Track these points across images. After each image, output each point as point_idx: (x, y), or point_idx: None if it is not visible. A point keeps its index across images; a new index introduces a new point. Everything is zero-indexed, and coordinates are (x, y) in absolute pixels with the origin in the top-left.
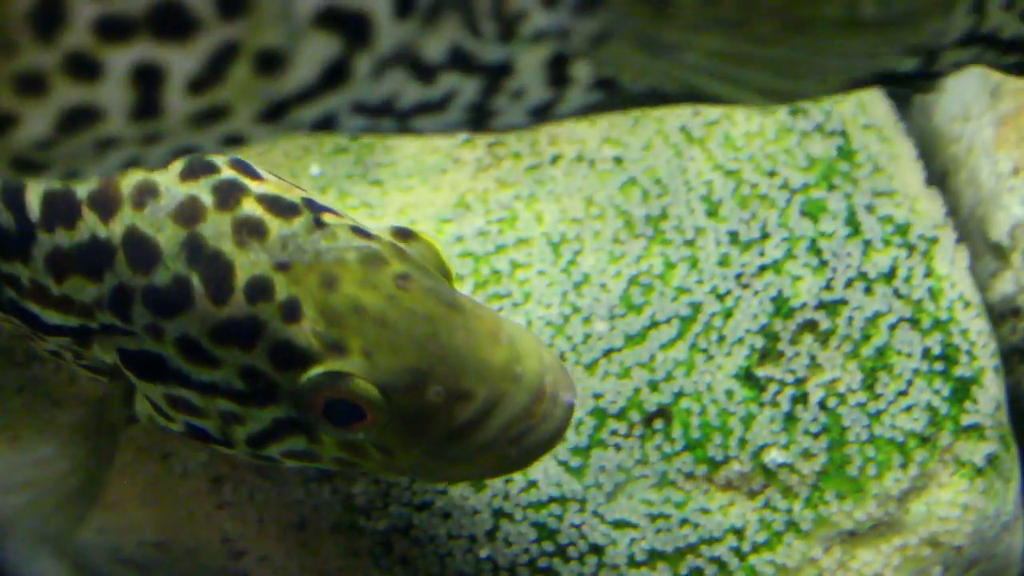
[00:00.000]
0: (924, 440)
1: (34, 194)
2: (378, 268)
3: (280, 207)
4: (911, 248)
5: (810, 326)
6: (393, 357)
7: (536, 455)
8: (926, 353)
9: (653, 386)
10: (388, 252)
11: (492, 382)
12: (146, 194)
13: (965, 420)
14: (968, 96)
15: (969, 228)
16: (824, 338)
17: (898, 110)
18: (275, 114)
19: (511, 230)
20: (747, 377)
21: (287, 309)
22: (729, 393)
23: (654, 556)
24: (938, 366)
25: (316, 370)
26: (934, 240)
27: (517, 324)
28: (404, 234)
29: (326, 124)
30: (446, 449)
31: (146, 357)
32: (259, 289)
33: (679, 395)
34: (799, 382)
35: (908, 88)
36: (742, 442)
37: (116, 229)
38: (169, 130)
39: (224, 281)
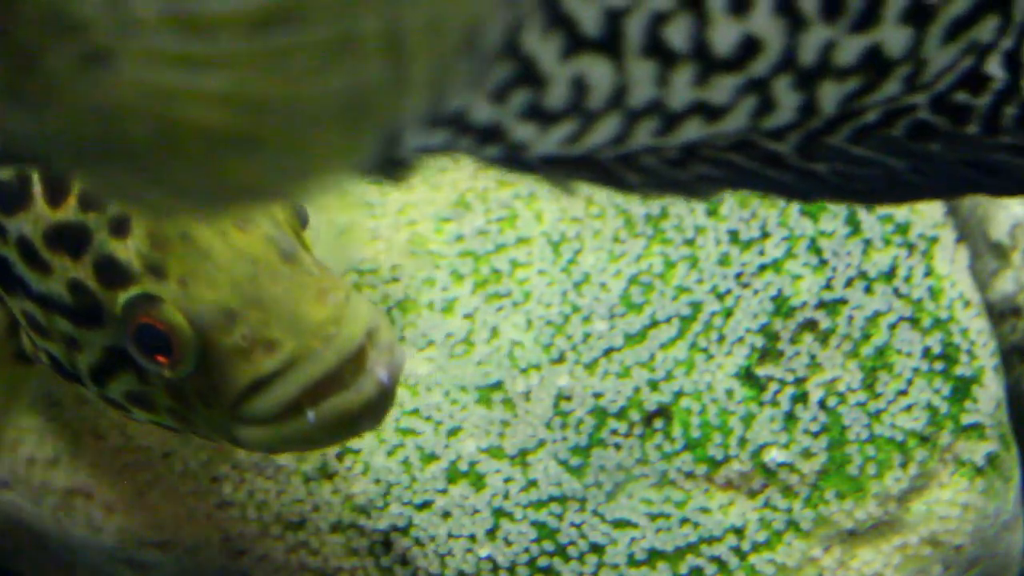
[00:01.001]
0: (924, 439)
1: None
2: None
3: None
4: (911, 247)
5: (810, 325)
6: (207, 290)
7: (341, 428)
8: (926, 352)
9: (653, 385)
10: None
11: (302, 337)
12: None
13: (965, 419)
14: None
15: (969, 227)
16: (824, 337)
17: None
18: None
19: (511, 229)
20: (747, 376)
21: (117, 223)
22: (729, 392)
23: (654, 555)
24: (938, 365)
25: (133, 291)
26: (934, 239)
27: (366, 300)
28: None
29: None
30: (249, 403)
31: (1, 263)
32: (93, 198)
33: (679, 394)
34: (799, 381)
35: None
36: (742, 441)
37: None
38: None
39: (61, 183)
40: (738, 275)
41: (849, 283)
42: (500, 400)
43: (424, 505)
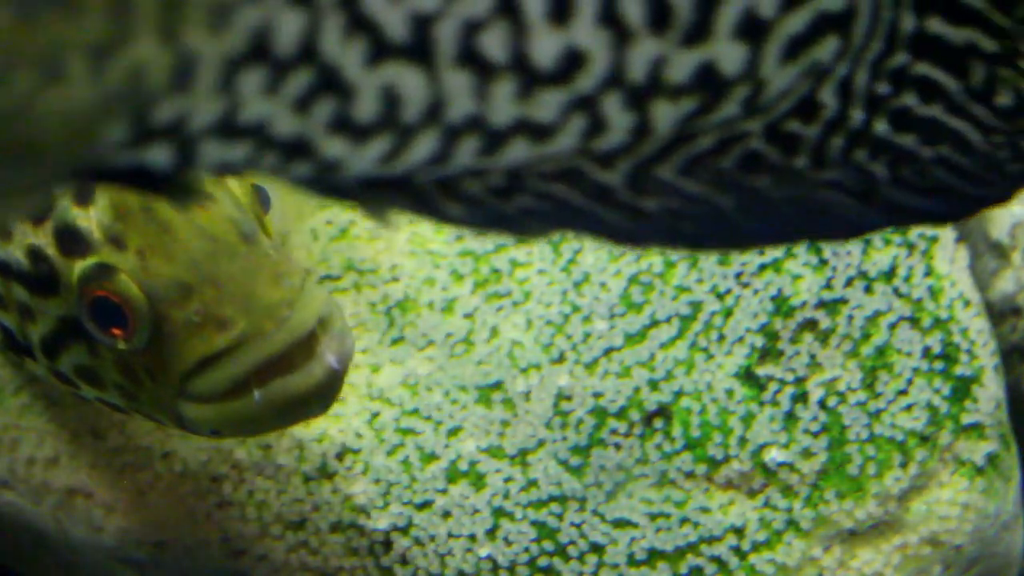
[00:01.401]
0: (924, 439)
1: None
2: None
3: None
4: (911, 247)
5: (810, 325)
6: (164, 264)
7: (287, 410)
8: (926, 352)
9: (653, 385)
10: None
11: (255, 317)
12: None
13: (965, 419)
14: None
15: (969, 227)
16: (824, 337)
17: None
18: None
19: None
20: (747, 376)
21: (81, 192)
22: (729, 392)
23: (654, 555)
24: (938, 365)
25: (91, 260)
26: (934, 239)
27: (321, 287)
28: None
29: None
30: (197, 380)
31: None
32: None
33: (679, 394)
34: (799, 381)
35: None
36: (742, 441)
37: None
38: None
39: None
40: (738, 275)
41: (849, 283)
42: (500, 400)
43: (424, 505)
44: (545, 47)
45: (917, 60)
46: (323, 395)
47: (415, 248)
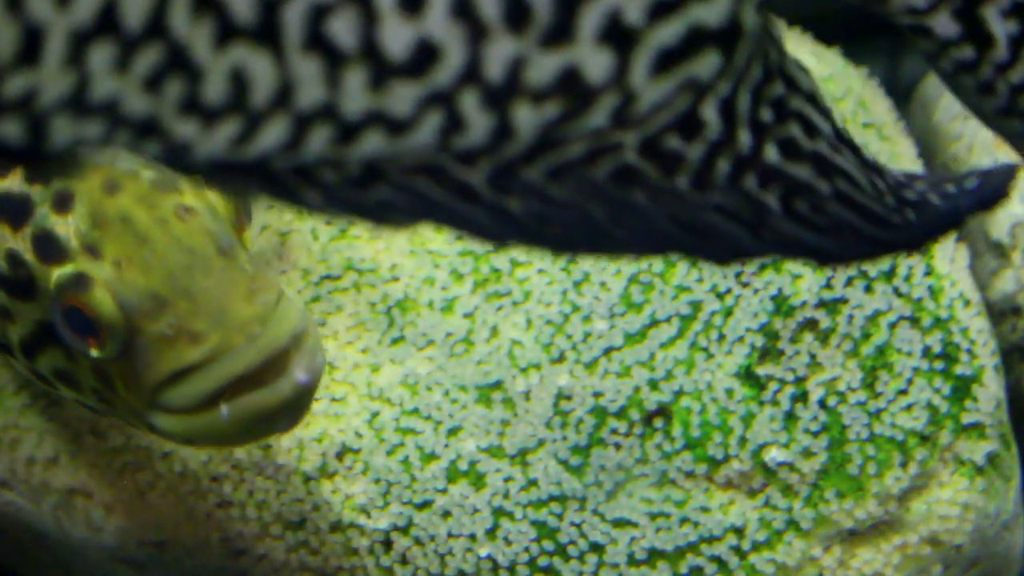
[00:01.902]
0: (924, 439)
1: None
2: (166, 192)
3: None
4: None
5: (810, 324)
6: (140, 275)
7: (255, 425)
8: (926, 352)
9: (653, 385)
10: (188, 186)
11: (227, 332)
12: None
13: (965, 419)
14: None
15: (969, 226)
16: (824, 337)
17: (898, 109)
18: None
19: None
20: (747, 376)
21: (60, 199)
22: (729, 392)
23: (654, 555)
24: (938, 364)
25: (68, 267)
26: None
27: (296, 305)
28: None
29: None
30: (168, 392)
31: None
32: (40, 171)
33: (679, 394)
34: (799, 381)
35: None
36: (742, 441)
37: None
38: None
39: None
40: (738, 274)
41: (849, 282)
42: (500, 399)
43: (424, 504)
44: (397, 37)
45: (792, 94)
46: (291, 411)
47: (415, 247)
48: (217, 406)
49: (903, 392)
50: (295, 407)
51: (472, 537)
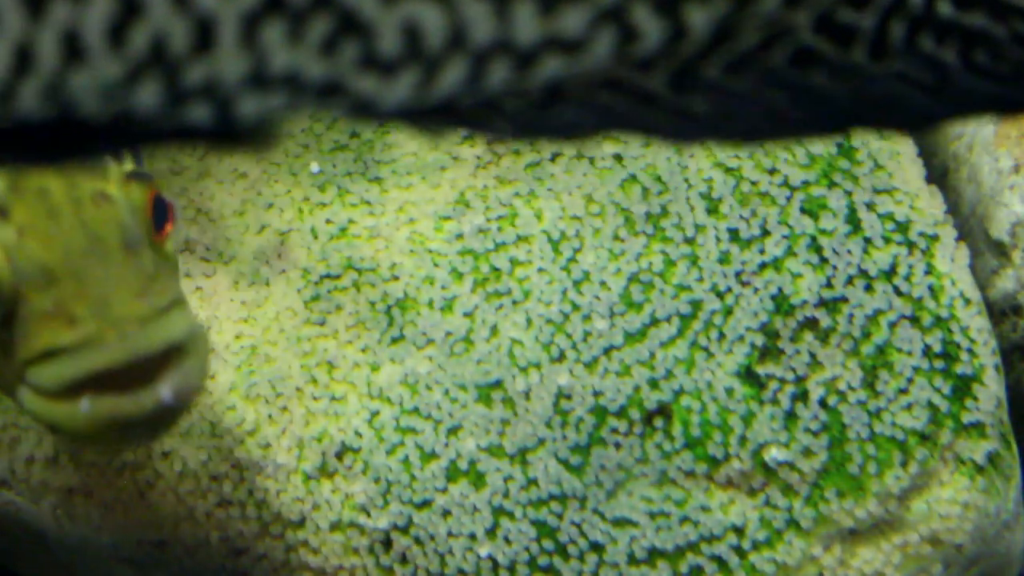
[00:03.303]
0: (925, 438)
1: None
2: (88, 175)
3: None
4: (911, 245)
5: (810, 324)
6: (39, 247)
7: (111, 430)
8: (927, 351)
9: (653, 384)
10: (115, 173)
11: (103, 324)
12: None
13: (966, 418)
14: None
15: (970, 225)
16: (824, 336)
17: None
18: None
19: (511, 227)
20: (747, 375)
21: None
22: (729, 391)
23: (654, 554)
24: (939, 364)
25: None
26: (934, 237)
27: (187, 320)
28: (140, 176)
29: None
30: (36, 369)
31: None
32: None
33: (679, 393)
34: (799, 380)
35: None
36: (742, 440)
37: None
38: None
39: None
40: (738, 273)
41: (849, 281)
42: (500, 399)
43: (424, 504)
44: None
45: None
46: (149, 425)
47: (415, 247)
48: (78, 398)
49: (903, 391)
50: (154, 423)
51: (472, 536)
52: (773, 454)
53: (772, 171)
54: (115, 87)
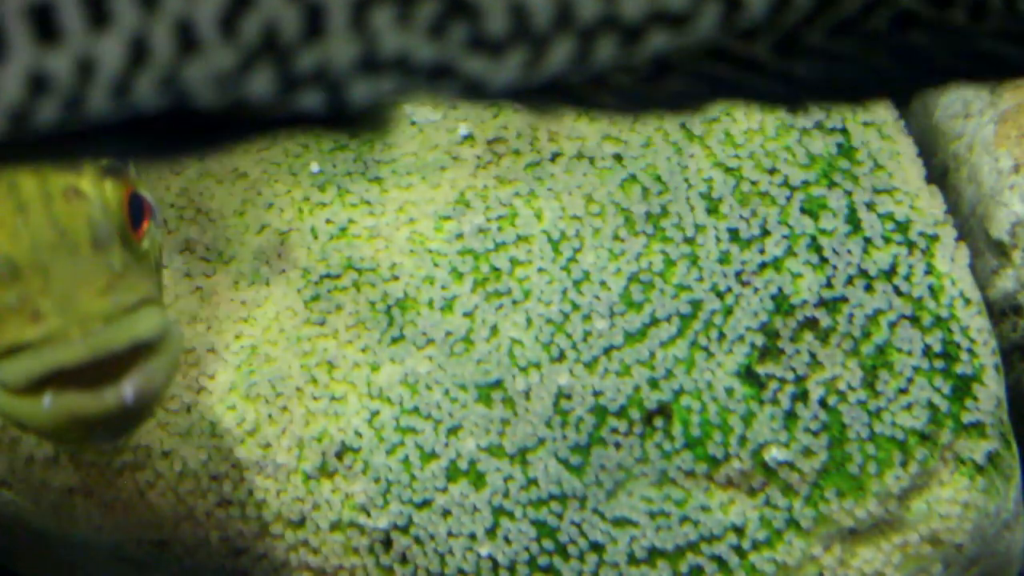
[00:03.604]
0: (925, 438)
1: None
2: (60, 172)
3: None
4: (911, 245)
5: (810, 324)
6: (5, 239)
7: (72, 427)
8: (927, 351)
9: (653, 384)
10: (89, 169)
11: (68, 320)
12: None
13: (966, 418)
14: (968, 93)
15: (970, 225)
16: (824, 336)
17: (898, 107)
18: None
19: (511, 227)
20: (747, 375)
21: None
22: (729, 391)
23: (654, 554)
24: (939, 363)
25: None
26: (934, 237)
27: (156, 319)
28: (115, 172)
29: None
30: (2, 365)
31: None
32: None
33: (679, 393)
34: (799, 380)
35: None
36: (742, 440)
37: None
38: None
39: None
40: (738, 273)
41: (849, 281)
42: (500, 398)
43: (424, 503)
44: None
45: None
46: (113, 425)
47: (415, 247)
48: (41, 393)
49: (903, 391)
50: (117, 423)
51: (472, 536)
52: (773, 454)
53: (772, 171)
54: (229, 76)
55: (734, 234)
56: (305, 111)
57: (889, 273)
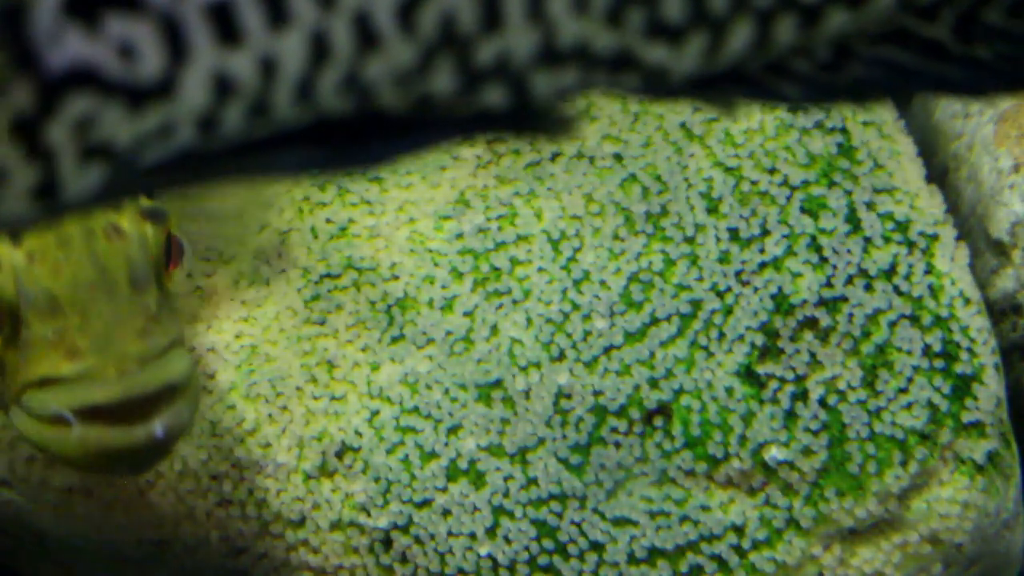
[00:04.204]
0: (924, 437)
1: None
2: (102, 209)
3: None
4: (911, 245)
5: (810, 323)
6: (47, 275)
7: (100, 459)
8: (926, 350)
9: (653, 383)
10: (130, 208)
11: (104, 359)
12: None
13: (966, 417)
14: None
15: (970, 225)
16: (824, 335)
17: (898, 107)
18: None
19: (511, 227)
20: (747, 374)
21: None
22: (729, 390)
23: (654, 553)
24: (938, 363)
25: None
26: (934, 237)
27: (185, 361)
28: (155, 214)
29: None
30: (31, 394)
31: None
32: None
33: (679, 392)
34: (799, 379)
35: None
36: (742, 439)
37: None
38: None
39: None
40: (738, 273)
41: (849, 281)
42: (500, 398)
43: (424, 503)
44: None
45: None
46: (139, 459)
47: (415, 246)
48: (71, 425)
49: (903, 391)
50: (144, 457)
51: (472, 536)
52: (773, 453)
53: (772, 170)
54: (410, 72)
55: (734, 234)
56: (489, 108)
57: (889, 273)
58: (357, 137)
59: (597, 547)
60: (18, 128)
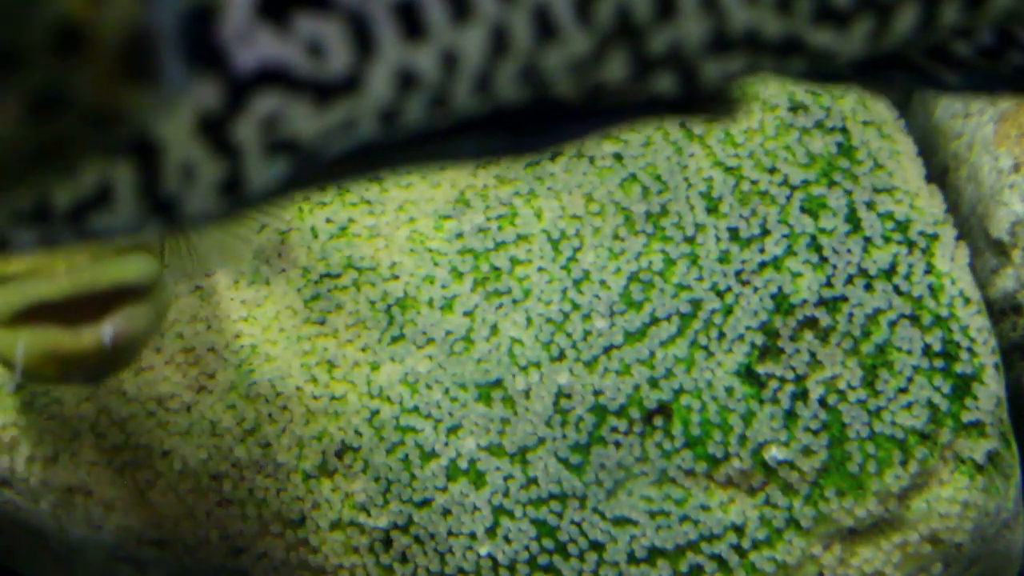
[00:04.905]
0: (924, 437)
1: None
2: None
3: None
4: (911, 245)
5: (810, 323)
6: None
7: (48, 365)
8: (926, 350)
9: (653, 383)
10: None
11: (53, 258)
12: None
13: (966, 417)
14: None
15: (970, 224)
16: (824, 335)
17: (898, 107)
18: None
19: (511, 227)
20: (747, 374)
21: None
22: (729, 390)
23: (654, 553)
24: (938, 363)
25: None
26: (934, 237)
27: (148, 265)
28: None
29: None
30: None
31: None
32: None
33: (679, 392)
34: (799, 379)
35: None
36: (742, 439)
37: None
38: None
39: None
40: (738, 272)
41: (849, 280)
42: (500, 398)
43: (424, 503)
44: None
45: None
46: (88, 367)
47: (415, 246)
48: (20, 327)
49: (903, 390)
50: (94, 365)
51: (472, 536)
52: (773, 453)
53: (772, 170)
54: (586, 62)
55: (734, 233)
56: (659, 95)
57: (889, 272)
58: (530, 124)
59: (597, 547)
60: (205, 127)
